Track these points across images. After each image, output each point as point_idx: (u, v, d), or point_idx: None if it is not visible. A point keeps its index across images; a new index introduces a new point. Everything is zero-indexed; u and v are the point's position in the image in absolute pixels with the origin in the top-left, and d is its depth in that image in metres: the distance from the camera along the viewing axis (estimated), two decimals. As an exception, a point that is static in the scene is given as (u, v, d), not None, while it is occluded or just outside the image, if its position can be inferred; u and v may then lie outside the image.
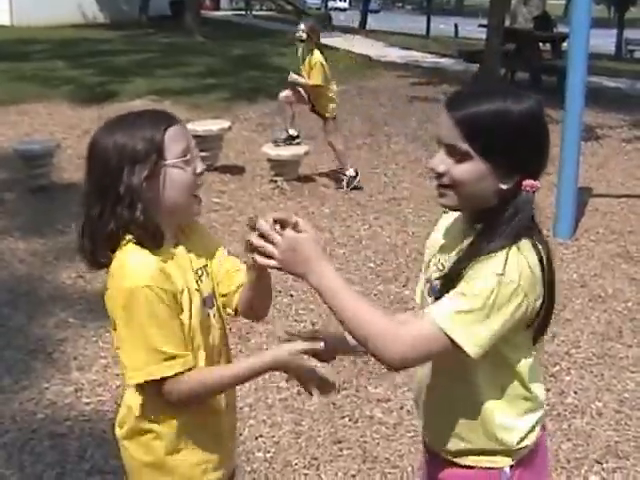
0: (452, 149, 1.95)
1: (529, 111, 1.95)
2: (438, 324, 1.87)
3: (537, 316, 1.96)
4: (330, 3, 75.26)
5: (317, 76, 8.81)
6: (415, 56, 22.23)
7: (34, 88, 13.43)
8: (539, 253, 1.95)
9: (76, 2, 27.23)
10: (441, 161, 1.97)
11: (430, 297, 2.09)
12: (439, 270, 2.08)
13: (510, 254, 1.89)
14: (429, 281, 2.14)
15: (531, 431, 2.12)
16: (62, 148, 9.20)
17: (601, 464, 4.06)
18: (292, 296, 5.85)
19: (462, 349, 1.87)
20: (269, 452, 4.05)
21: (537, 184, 1.96)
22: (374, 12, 57.86)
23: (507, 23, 19.22)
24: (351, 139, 11.08)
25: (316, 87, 8.88)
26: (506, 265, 1.87)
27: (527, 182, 1.94)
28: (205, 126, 9.21)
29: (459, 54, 19.70)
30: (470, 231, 2.03)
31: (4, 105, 12.17)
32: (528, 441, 2.11)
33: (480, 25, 19.17)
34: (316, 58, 8.82)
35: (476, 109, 1.92)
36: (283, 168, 8.89)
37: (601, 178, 9.75)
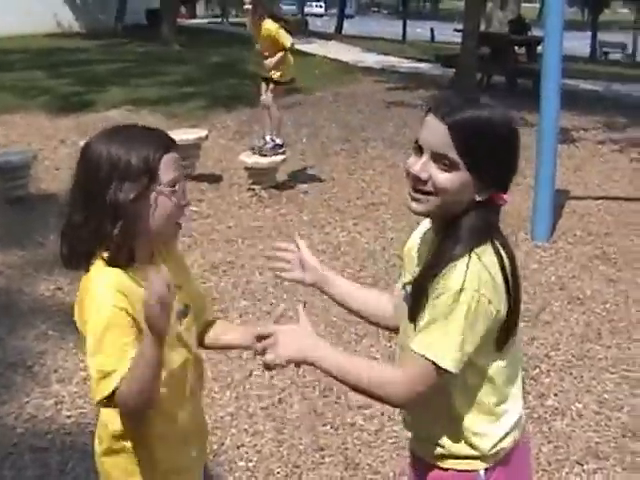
0: (441, 157, 1.95)
1: (511, 124, 2.00)
2: (425, 357, 1.94)
3: (505, 321, 1.99)
4: (306, 9, 75.48)
5: (286, 38, 8.76)
6: (392, 61, 22.32)
7: (11, 99, 13.38)
8: (501, 259, 1.97)
9: (51, 11, 27.14)
10: (424, 167, 1.98)
11: (405, 303, 2.12)
12: (412, 277, 2.11)
13: (470, 264, 1.92)
14: (404, 288, 2.16)
15: (506, 436, 2.13)
16: (39, 159, 9.16)
17: (582, 465, 4.08)
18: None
19: (448, 372, 1.94)
20: (251, 461, 4.04)
21: (507, 198, 2.01)
22: (348, 17, 57.99)
23: (483, 27, 19.35)
24: (328, 145, 11.11)
25: (284, 52, 8.80)
26: (465, 277, 1.90)
27: (500, 196, 2.00)
28: (182, 135, 9.17)
29: (436, 59, 19.80)
30: (437, 240, 2.06)
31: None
32: (503, 444, 2.13)
33: (455, 30, 19.28)
34: (270, 26, 8.72)
35: (470, 120, 1.95)
36: (261, 176, 8.90)
37: (578, 180, 9.80)
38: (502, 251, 2.00)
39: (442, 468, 2.16)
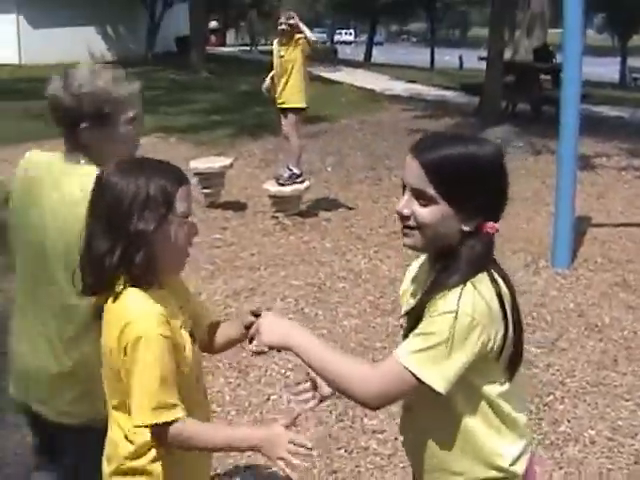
0: (418, 193, 2.06)
1: (491, 158, 2.07)
2: (402, 363, 1.99)
3: (503, 348, 2.05)
4: (336, 37, 76.02)
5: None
6: (419, 89, 22.41)
7: (44, 127, 13.57)
8: (497, 287, 2.05)
9: (84, 40, 27.60)
10: (406, 204, 2.10)
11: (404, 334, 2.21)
12: (408, 308, 2.20)
13: (464, 291, 1.99)
14: (404, 319, 2.26)
15: (520, 456, 2.19)
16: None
17: (593, 491, 4.13)
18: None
19: (430, 386, 1.97)
20: (266, 484, 4.13)
21: (496, 226, 2.08)
22: (378, 45, 58.36)
23: (509, 55, 19.43)
24: (353, 173, 11.23)
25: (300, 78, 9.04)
26: (459, 301, 1.97)
27: (488, 225, 2.07)
28: (207, 163, 9.35)
29: (461, 87, 19.87)
30: (433, 270, 2.14)
31: (13, 143, 12.34)
32: (520, 466, 2.18)
33: (480, 57, 19.35)
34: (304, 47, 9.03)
35: (442, 155, 2.04)
36: (285, 204, 9.02)
37: (601, 207, 9.81)
38: (499, 280, 2.07)
39: None
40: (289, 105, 9.11)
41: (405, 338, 2.11)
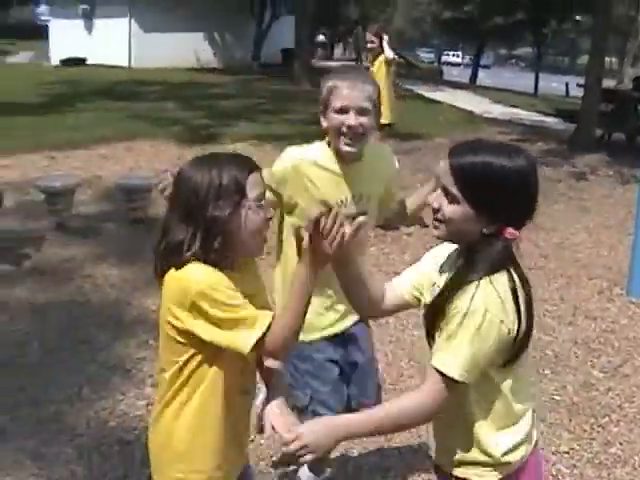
0: (446, 191, 2.24)
1: (517, 168, 2.20)
2: (440, 371, 2.18)
3: (515, 340, 2.20)
4: (443, 58, 75.76)
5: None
6: (519, 113, 22.29)
7: (144, 127, 14.16)
8: (512, 284, 2.20)
9: (192, 47, 28.32)
10: (437, 198, 2.27)
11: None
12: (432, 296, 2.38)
13: (479, 287, 2.16)
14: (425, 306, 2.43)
15: (515, 449, 2.35)
16: (159, 184, 9.67)
17: (635, 512, 4.19)
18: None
19: (461, 383, 2.18)
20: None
21: (517, 233, 2.22)
22: (485, 68, 58.06)
23: (613, 84, 19.24)
24: (440, 191, 11.33)
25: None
26: (473, 299, 2.14)
27: (508, 230, 2.21)
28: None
29: (557, 113, 19.70)
30: (455, 266, 2.33)
31: (114, 141, 12.90)
32: (513, 458, 2.34)
33: (578, 84, 19.20)
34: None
35: (469, 161, 2.20)
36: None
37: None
38: (517, 279, 2.22)
39: (455, 476, 2.39)
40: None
41: (426, 326, 2.32)
